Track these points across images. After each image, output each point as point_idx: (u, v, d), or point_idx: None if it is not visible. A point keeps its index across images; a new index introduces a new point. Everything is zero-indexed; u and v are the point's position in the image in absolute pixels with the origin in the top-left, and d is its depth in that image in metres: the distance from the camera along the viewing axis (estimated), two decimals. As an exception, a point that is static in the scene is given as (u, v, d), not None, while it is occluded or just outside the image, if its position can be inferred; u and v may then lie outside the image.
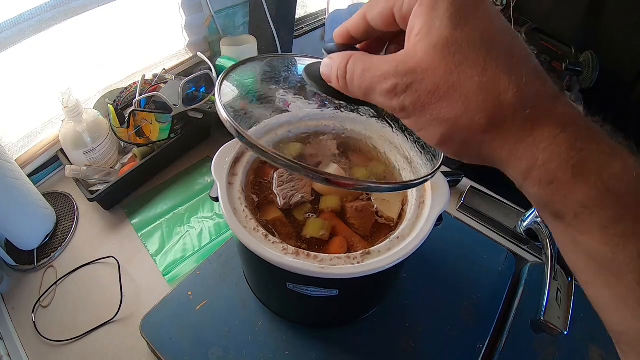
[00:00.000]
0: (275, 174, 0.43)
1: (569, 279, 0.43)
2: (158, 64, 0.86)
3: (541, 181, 0.18)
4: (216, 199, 0.38)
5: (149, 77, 0.75)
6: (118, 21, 0.75)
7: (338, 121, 0.46)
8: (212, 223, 0.65)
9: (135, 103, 0.68)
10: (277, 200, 0.42)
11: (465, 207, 0.67)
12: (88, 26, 0.70)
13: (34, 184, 0.60)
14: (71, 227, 0.63)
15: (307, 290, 0.38)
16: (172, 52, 0.89)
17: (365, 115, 0.39)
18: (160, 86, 0.72)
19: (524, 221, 0.61)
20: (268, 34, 0.98)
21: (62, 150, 0.68)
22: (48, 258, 0.59)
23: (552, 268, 0.43)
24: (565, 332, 0.39)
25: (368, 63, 0.21)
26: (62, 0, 0.61)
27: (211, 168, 0.41)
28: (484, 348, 0.49)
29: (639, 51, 0.92)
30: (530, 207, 0.62)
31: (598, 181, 0.17)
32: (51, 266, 0.59)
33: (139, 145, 0.70)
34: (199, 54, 0.83)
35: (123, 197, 0.69)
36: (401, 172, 0.42)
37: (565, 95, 0.18)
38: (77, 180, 0.65)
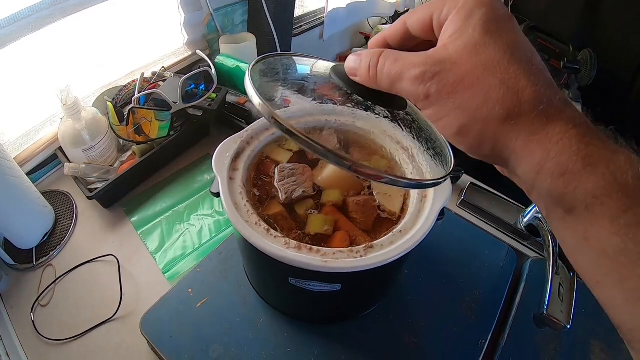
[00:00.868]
0: (276, 169, 0.43)
1: (571, 274, 0.43)
2: (157, 62, 0.85)
3: (554, 173, 0.19)
4: (217, 194, 0.38)
5: (148, 75, 0.74)
6: (117, 19, 0.75)
7: (338, 116, 0.46)
8: (212, 220, 0.65)
9: (134, 100, 0.68)
10: (279, 194, 0.41)
11: (465, 204, 0.67)
12: (87, 24, 0.69)
13: (33, 182, 0.60)
14: (70, 226, 0.63)
15: (310, 285, 0.37)
16: (171, 50, 0.89)
17: (379, 115, 0.39)
18: (159, 84, 0.72)
19: (525, 217, 0.62)
20: (267, 32, 0.98)
21: (61, 148, 0.68)
22: (47, 257, 0.59)
23: (554, 262, 0.43)
24: (568, 326, 0.39)
25: (399, 54, 0.23)
26: (61, -3, 0.61)
27: (212, 163, 0.40)
28: (487, 343, 0.49)
29: (637, 49, 0.92)
30: (530, 204, 0.62)
31: (606, 172, 0.18)
32: (50, 265, 0.58)
33: (138, 142, 0.70)
34: (198, 52, 0.83)
35: (122, 195, 0.68)
36: (403, 167, 0.42)
37: (572, 104, 0.20)
38: (76, 178, 0.65)
